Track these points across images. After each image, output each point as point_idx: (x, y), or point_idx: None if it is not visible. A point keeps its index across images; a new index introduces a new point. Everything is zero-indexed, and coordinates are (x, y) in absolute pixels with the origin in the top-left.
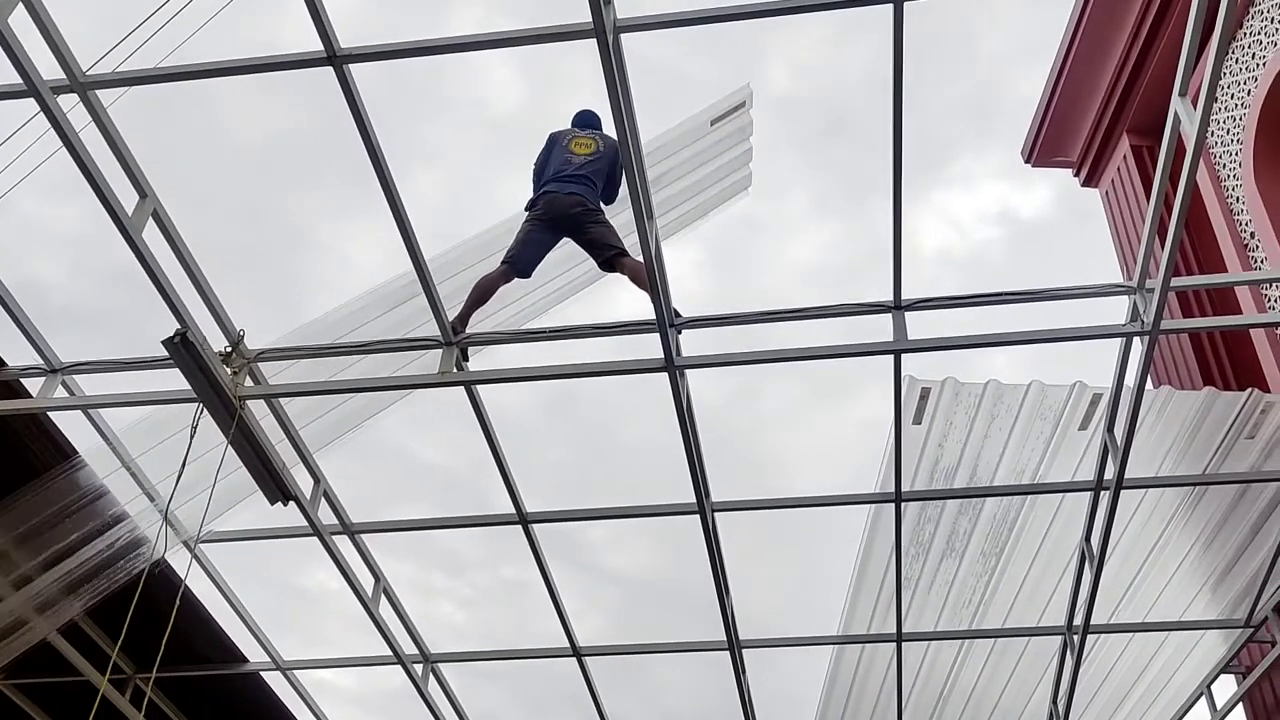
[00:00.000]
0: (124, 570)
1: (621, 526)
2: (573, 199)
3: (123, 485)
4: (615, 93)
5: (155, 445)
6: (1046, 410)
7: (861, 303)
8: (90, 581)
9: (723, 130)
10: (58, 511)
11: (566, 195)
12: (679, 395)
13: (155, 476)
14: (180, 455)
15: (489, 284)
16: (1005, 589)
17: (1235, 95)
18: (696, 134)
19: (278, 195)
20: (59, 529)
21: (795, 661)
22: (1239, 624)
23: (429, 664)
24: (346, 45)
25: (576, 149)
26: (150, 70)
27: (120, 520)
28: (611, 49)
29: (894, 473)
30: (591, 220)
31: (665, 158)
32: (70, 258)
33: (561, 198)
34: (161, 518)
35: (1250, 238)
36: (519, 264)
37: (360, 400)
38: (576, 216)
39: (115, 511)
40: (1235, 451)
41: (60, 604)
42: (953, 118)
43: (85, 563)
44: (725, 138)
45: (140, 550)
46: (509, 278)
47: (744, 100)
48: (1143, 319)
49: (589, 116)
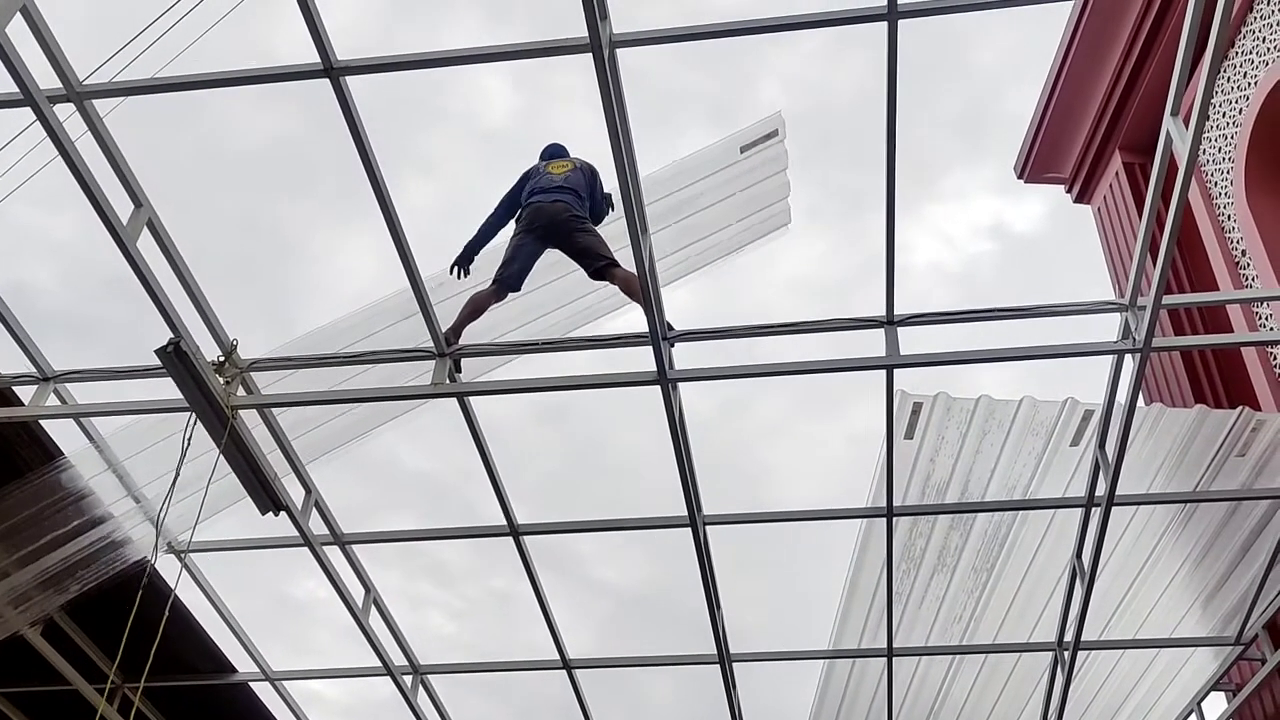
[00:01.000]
0: (104, 570)
1: (612, 540)
2: (560, 205)
3: (109, 488)
4: (611, 106)
5: (142, 451)
6: (1038, 426)
7: (854, 317)
8: (69, 579)
9: (754, 159)
10: (39, 511)
11: (553, 204)
12: (671, 408)
13: (142, 480)
14: (166, 459)
15: (481, 302)
16: (996, 604)
17: (1227, 114)
18: (724, 160)
19: (272, 206)
20: (39, 527)
21: (785, 677)
22: (1229, 641)
23: (418, 675)
24: (343, 56)
25: (553, 170)
26: (147, 80)
27: (103, 520)
28: (607, 63)
29: (885, 487)
30: (580, 229)
31: (689, 183)
32: (64, 266)
33: (548, 206)
34: (147, 520)
35: (1242, 255)
36: (509, 279)
37: (357, 415)
38: (565, 223)
39: (99, 512)
40: (1226, 469)
41: (36, 599)
42: (946, 134)
43: (65, 560)
44: (757, 167)
45: (122, 550)
46: (500, 296)
47: (776, 129)
48: (1134, 336)
49: (557, 148)
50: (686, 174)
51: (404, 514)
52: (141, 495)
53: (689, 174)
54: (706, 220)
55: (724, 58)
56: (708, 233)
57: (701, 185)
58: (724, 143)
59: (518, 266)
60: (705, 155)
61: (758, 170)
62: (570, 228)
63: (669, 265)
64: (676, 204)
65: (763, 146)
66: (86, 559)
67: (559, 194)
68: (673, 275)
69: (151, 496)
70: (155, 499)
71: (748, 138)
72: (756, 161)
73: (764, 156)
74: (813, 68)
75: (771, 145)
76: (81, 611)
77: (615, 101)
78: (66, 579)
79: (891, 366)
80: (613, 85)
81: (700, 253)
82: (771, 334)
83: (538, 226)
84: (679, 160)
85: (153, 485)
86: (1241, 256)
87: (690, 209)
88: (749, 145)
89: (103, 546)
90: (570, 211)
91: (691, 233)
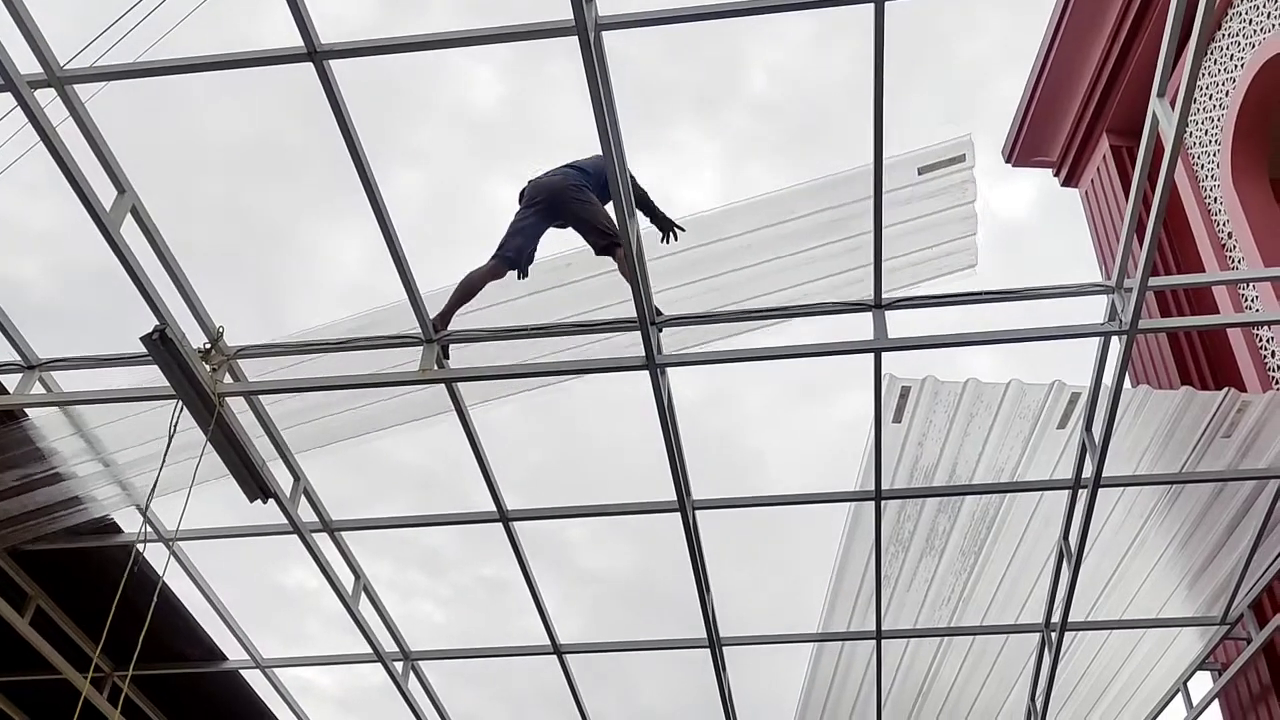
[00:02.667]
0: (59, 521)
1: (600, 528)
2: (560, 178)
3: (78, 450)
4: (596, 89)
5: (117, 420)
6: (1025, 409)
7: (842, 302)
8: (20, 524)
9: (935, 184)
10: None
11: (552, 177)
12: (660, 393)
13: (113, 447)
14: (138, 426)
15: (476, 280)
16: (984, 586)
17: (1214, 96)
18: (897, 180)
19: (258, 196)
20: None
21: (775, 662)
22: (1215, 621)
23: (409, 662)
24: (327, 43)
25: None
26: (129, 65)
27: (64, 478)
28: (593, 46)
29: (874, 471)
30: (581, 199)
31: (851, 200)
32: (47, 254)
33: (547, 180)
34: (116, 483)
35: (1228, 238)
36: (510, 253)
37: (357, 417)
38: (567, 194)
39: (61, 470)
40: (1212, 450)
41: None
42: (932, 120)
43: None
44: (937, 194)
45: (83, 505)
46: (500, 273)
47: (964, 153)
48: (1121, 318)
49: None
50: (846, 188)
51: (393, 504)
52: (112, 460)
53: (850, 188)
54: (863, 244)
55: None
56: (871, 260)
57: (868, 204)
58: (899, 159)
59: (520, 241)
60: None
61: (939, 197)
62: (570, 197)
63: (836, 285)
64: (838, 220)
65: (946, 171)
66: (44, 509)
67: (561, 170)
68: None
69: (120, 461)
70: (126, 465)
71: (928, 158)
72: (936, 186)
73: (946, 182)
74: (798, 56)
75: (957, 171)
76: (70, 600)
77: (601, 84)
78: (20, 524)
79: (880, 350)
80: (599, 68)
81: (855, 273)
82: (760, 318)
83: (539, 201)
84: (840, 173)
85: (122, 454)
86: (1227, 239)
87: (855, 229)
88: (929, 167)
89: (61, 501)
90: (570, 182)
91: (857, 255)
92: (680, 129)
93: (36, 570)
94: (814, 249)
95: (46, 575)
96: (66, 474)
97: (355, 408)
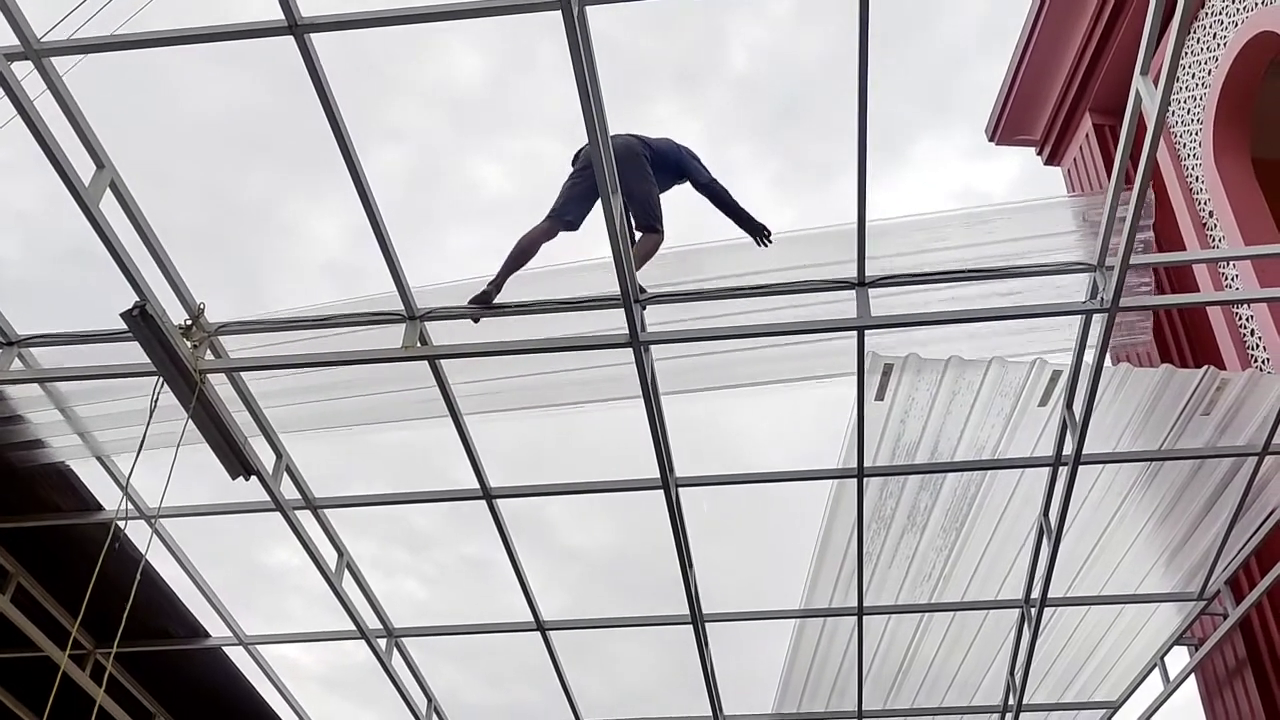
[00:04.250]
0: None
1: (583, 506)
2: (622, 146)
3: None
4: (580, 65)
5: (98, 400)
6: (1007, 387)
7: (825, 280)
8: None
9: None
10: None
11: (614, 141)
12: (643, 370)
13: (93, 425)
14: (118, 404)
15: (531, 241)
16: (965, 563)
17: (1196, 75)
18: (1058, 224)
19: (238, 172)
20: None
21: (757, 637)
22: (1192, 597)
23: (393, 638)
24: (308, 16)
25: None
26: (107, 37)
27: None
28: (577, 20)
29: (856, 449)
30: (642, 173)
31: (1007, 239)
32: (24, 232)
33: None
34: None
35: (1209, 217)
36: (565, 215)
37: (356, 407)
38: (627, 163)
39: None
40: (1191, 428)
41: None
42: (915, 104)
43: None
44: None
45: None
46: (554, 233)
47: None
48: (1102, 296)
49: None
50: (1002, 224)
51: (375, 481)
52: (92, 438)
53: (1007, 225)
54: (1021, 289)
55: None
56: (1018, 310)
57: (1026, 245)
58: (1058, 202)
59: (575, 207)
60: (1031, 211)
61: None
62: (630, 167)
63: (975, 332)
64: (990, 256)
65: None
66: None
67: (623, 137)
68: (981, 350)
69: (84, 415)
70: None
71: (1094, 205)
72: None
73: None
74: (778, 35)
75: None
76: (52, 578)
77: (585, 60)
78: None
79: (863, 328)
80: (582, 44)
81: (1010, 332)
82: (744, 296)
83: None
84: (993, 205)
85: (86, 407)
86: (1209, 218)
87: (1008, 268)
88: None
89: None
90: (633, 151)
91: (1008, 298)
92: (661, 104)
93: (17, 548)
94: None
95: (27, 553)
96: (45, 452)
97: (353, 396)
